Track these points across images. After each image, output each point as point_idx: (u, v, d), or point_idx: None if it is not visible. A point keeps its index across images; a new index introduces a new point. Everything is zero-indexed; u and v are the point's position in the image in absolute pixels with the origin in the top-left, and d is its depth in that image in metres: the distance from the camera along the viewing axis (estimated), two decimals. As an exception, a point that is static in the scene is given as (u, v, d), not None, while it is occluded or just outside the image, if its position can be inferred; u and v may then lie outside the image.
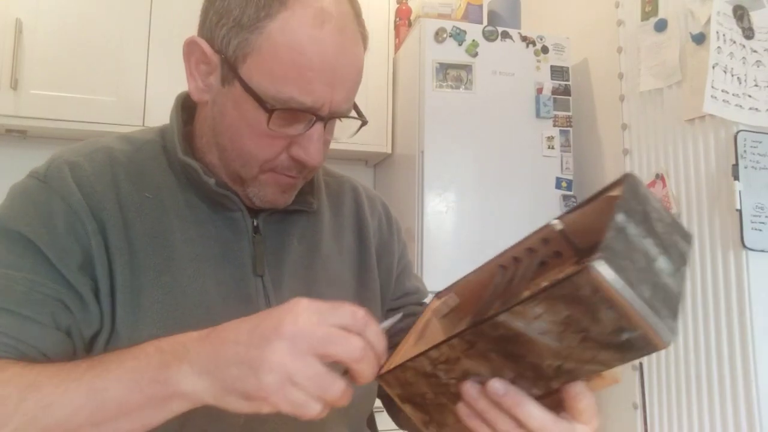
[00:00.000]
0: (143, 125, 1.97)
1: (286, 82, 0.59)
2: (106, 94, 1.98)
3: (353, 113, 0.69)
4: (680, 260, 0.45)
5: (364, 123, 0.70)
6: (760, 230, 1.39)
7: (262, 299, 0.68)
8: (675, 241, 0.47)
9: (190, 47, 0.65)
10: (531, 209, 2.00)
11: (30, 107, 1.91)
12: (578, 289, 0.38)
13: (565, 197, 2.03)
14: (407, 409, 0.52)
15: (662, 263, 0.43)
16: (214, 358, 0.48)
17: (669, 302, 0.41)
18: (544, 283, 0.46)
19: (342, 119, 0.68)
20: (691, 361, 1.50)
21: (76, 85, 1.96)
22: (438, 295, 0.64)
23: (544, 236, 0.53)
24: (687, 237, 0.49)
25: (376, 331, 0.49)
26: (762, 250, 1.39)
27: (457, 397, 0.48)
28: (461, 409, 0.48)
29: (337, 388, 0.46)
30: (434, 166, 1.96)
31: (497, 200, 1.98)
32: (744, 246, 1.38)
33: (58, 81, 1.94)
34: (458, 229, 1.96)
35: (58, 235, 0.60)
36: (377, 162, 2.54)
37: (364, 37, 0.66)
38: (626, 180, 0.47)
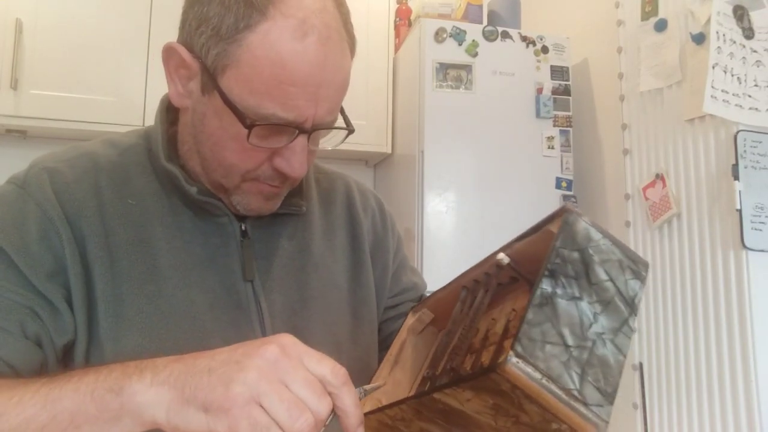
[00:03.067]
0: (143, 125, 1.97)
1: (267, 97, 0.57)
2: (106, 94, 1.98)
3: (339, 121, 0.66)
4: (628, 308, 0.42)
5: (351, 132, 0.67)
6: (760, 230, 1.39)
7: (252, 305, 0.67)
8: (624, 285, 0.42)
9: (168, 53, 0.63)
10: (531, 209, 2.00)
11: (30, 107, 1.91)
12: (498, 384, 0.37)
13: (565, 197, 2.03)
14: None
15: (601, 324, 0.40)
16: (183, 371, 0.46)
17: (603, 381, 0.38)
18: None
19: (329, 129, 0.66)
20: (691, 361, 1.50)
21: (76, 85, 1.96)
22: (413, 309, 0.64)
23: (498, 263, 0.51)
24: (640, 272, 0.44)
25: (350, 392, 0.46)
26: (762, 250, 1.39)
27: None
28: None
29: (304, 421, 0.43)
30: (434, 166, 1.96)
31: (497, 200, 1.98)
32: (744, 246, 1.38)
33: (58, 81, 1.94)
34: (458, 229, 1.96)
35: (29, 242, 0.59)
36: (377, 162, 2.54)
37: (351, 45, 0.63)
38: (563, 221, 0.43)
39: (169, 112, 0.70)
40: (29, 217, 0.60)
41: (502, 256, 0.49)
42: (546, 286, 0.39)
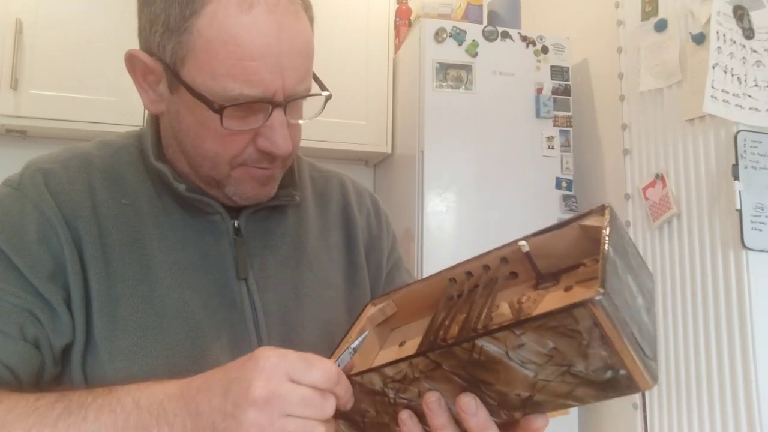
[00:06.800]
0: (143, 125, 1.97)
1: (229, 78, 0.56)
2: (106, 94, 1.98)
3: (315, 89, 0.65)
4: (650, 300, 0.45)
5: (329, 97, 0.65)
6: (760, 230, 1.39)
7: (246, 303, 0.66)
8: (644, 279, 0.46)
9: (130, 61, 0.63)
10: (531, 209, 2.00)
11: (30, 107, 1.91)
12: (576, 322, 0.36)
13: (565, 197, 2.03)
14: (341, 425, 0.51)
15: (640, 301, 0.43)
16: (193, 425, 0.47)
17: (651, 343, 0.40)
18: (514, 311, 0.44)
19: (306, 99, 0.64)
20: (691, 361, 1.50)
21: (76, 85, 1.95)
22: (373, 301, 0.62)
23: (506, 255, 0.51)
24: (651, 276, 0.49)
25: (342, 390, 0.47)
26: (762, 250, 1.39)
27: None
28: (407, 421, 0.46)
29: None
30: (434, 166, 1.96)
31: (497, 200, 1.98)
32: (744, 246, 1.38)
33: (58, 81, 1.94)
34: (458, 229, 1.95)
35: (29, 243, 0.59)
36: (377, 162, 2.53)
37: (305, 7, 0.62)
38: (609, 212, 0.46)
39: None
40: (27, 219, 0.60)
41: (523, 243, 0.49)
42: (611, 252, 0.41)
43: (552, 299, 0.47)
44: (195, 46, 0.56)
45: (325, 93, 0.65)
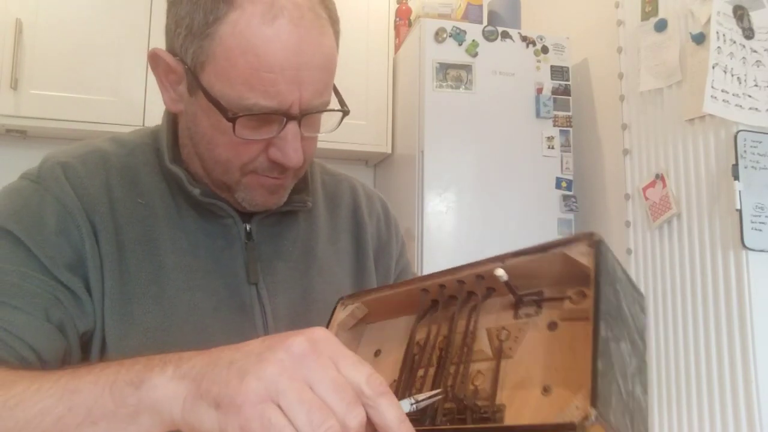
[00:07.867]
0: (143, 125, 1.97)
1: (246, 87, 0.56)
2: (106, 94, 1.98)
3: (333, 104, 0.64)
4: (642, 343, 0.41)
5: (346, 113, 0.65)
6: (760, 230, 1.39)
7: (257, 308, 0.66)
8: (637, 320, 0.42)
9: (154, 59, 0.63)
10: (531, 209, 2.00)
11: (30, 107, 1.91)
12: None
13: (565, 197, 2.03)
14: None
15: (633, 364, 0.39)
16: (206, 363, 0.40)
17: (642, 426, 0.38)
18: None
19: (322, 112, 0.63)
20: (691, 361, 1.49)
21: (76, 85, 1.95)
22: (343, 301, 0.59)
23: (482, 274, 0.48)
24: (643, 304, 0.44)
25: (391, 405, 0.37)
26: (762, 250, 1.39)
27: None
28: None
29: (328, 428, 0.35)
30: (434, 166, 1.96)
31: (497, 200, 1.99)
32: (744, 246, 1.38)
33: (58, 81, 1.94)
34: (458, 229, 1.96)
35: (48, 235, 0.59)
36: (377, 162, 2.54)
37: (332, 21, 0.61)
38: (600, 253, 0.40)
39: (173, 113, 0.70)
40: (47, 210, 0.60)
41: (502, 273, 0.45)
42: (603, 330, 0.37)
43: (535, 339, 0.45)
44: (216, 52, 0.57)
45: (342, 109, 0.65)
